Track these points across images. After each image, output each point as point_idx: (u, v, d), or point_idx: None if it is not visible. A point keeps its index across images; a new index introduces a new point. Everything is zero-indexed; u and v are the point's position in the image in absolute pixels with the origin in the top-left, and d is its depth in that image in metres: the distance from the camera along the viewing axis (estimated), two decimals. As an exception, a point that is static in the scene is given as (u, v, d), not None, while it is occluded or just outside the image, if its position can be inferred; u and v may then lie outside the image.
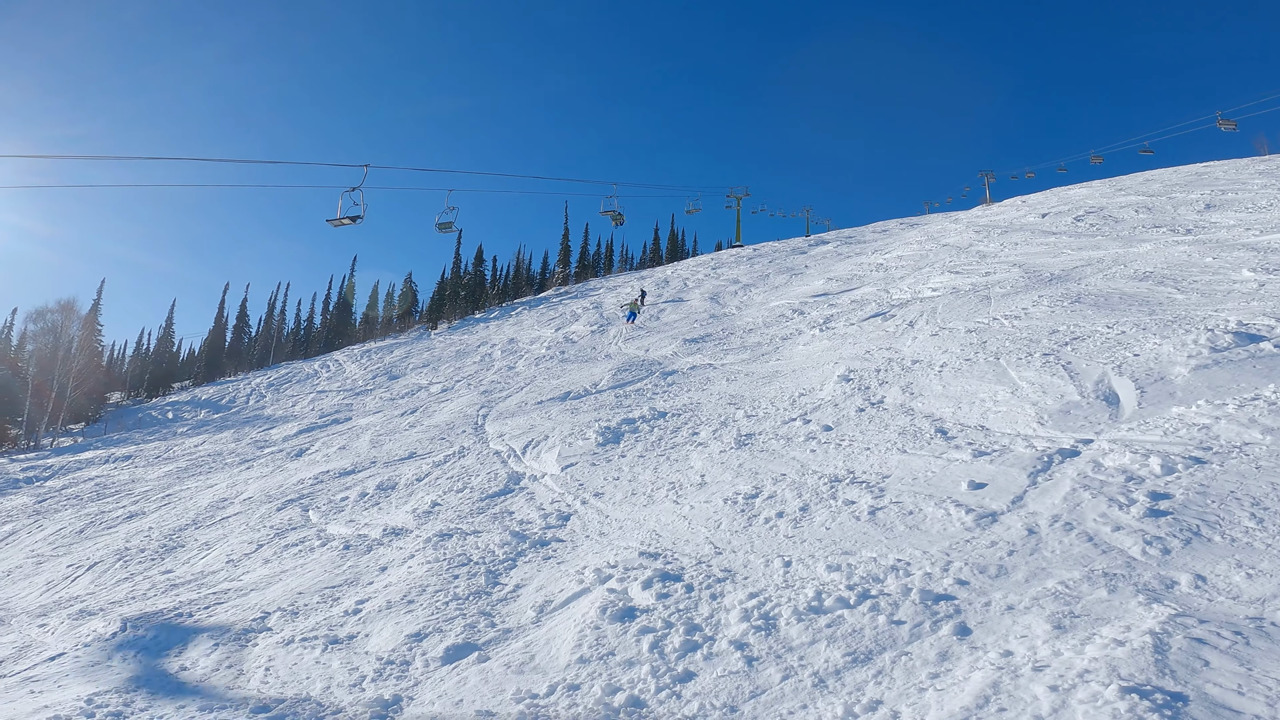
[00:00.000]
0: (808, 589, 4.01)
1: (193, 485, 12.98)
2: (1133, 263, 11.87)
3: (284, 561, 6.90)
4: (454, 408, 15.32)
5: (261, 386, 31.08)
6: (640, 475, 7.30)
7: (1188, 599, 3.24)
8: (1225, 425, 4.98)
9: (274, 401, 26.86)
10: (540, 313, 33.11)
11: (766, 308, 20.36)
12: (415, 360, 27.96)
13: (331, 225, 13.93)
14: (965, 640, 3.27)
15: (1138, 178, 27.54)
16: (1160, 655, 2.79)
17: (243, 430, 20.67)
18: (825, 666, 3.30)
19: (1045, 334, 8.33)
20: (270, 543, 7.69)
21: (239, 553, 7.60)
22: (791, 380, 10.21)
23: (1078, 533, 4.07)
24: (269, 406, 25.96)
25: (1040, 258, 14.92)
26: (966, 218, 28.77)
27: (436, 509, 7.65)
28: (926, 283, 15.82)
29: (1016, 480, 4.93)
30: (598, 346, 21.07)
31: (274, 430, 19.21)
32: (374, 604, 5.17)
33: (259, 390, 30.36)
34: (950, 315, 11.35)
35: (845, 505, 5.19)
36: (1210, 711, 2.45)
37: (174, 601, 6.23)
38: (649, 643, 3.80)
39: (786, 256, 32.85)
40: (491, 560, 5.64)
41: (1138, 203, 19.60)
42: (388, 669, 4.14)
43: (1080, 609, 3.31)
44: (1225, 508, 3.97)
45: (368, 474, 10.35)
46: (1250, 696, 2.48)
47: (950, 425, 6.49)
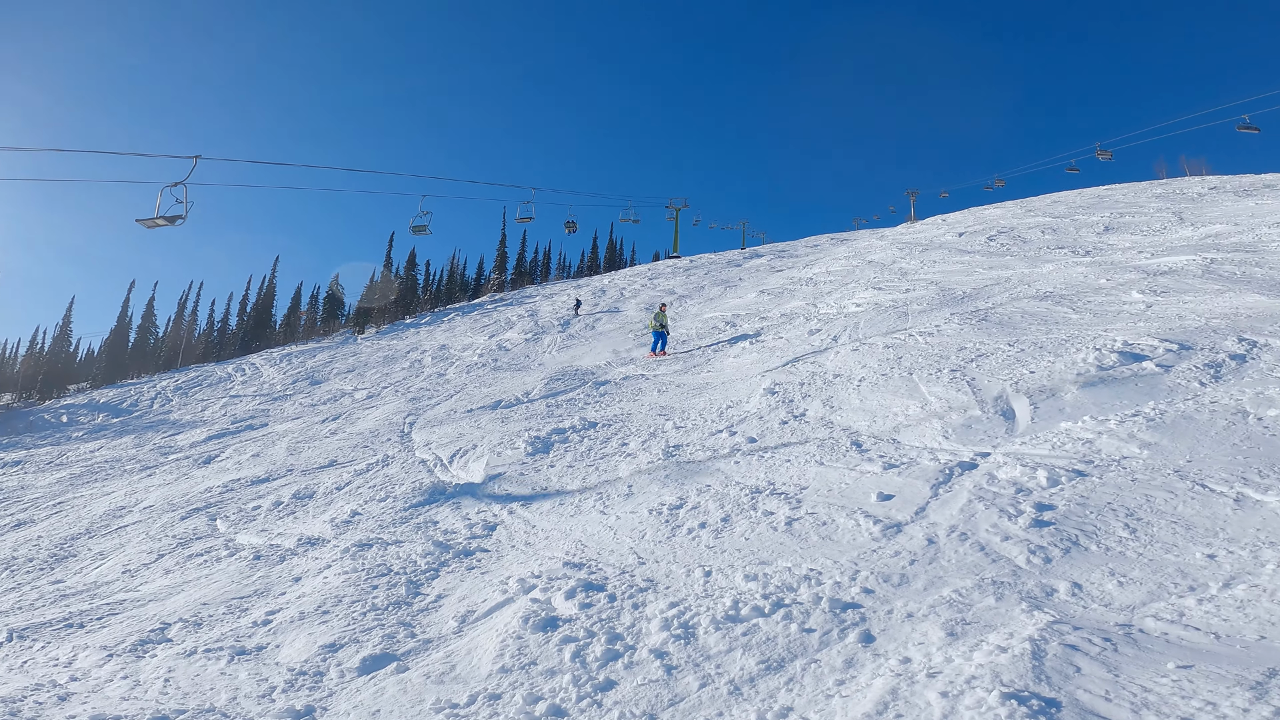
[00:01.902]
0: (726, 598, 4.14)
1: (87, 493, 12.14)
2: (1036, 283, 12.72)
3: (187, 572, 6.58)
4: (380, 415, 14.91)
5: (168, 390, 29.32)
6: (568, 485, 7.32)
7: (1065, 606, 3.51)
8: (1106, 440, 5.43)
9: (182, 406, 25.39)
10: (474, 319, 32.60)
11: (700, 319, 20.72)
12: (340, 365, 27.01)
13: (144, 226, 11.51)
14: (869, 647, 3.45)
15: (1046, 199, 29.55)
16: (1037, 661, 2.98)
17: (145, 435, 19.46)
18: (741, 674, 3.41)
19: (954, 350, 8.84)
20: (172, 552, 7.31)
21: (137, 563, 7.19)
22: (720, 392, 10.44)
23: (971, 542, 4.35)
24: (176, 411, 24.52)
25: (955, 276, 15.78)
26: (891, 235, 30.11)
27: (357, 518, 7.44)
28: (851, 298, 16.48)
29: (920, 492, 5.23)
30: (531, 355, 20.93)
31: (180, 436, 18.17)
32: (286, 614, 5.01)
33: (165, 394, 28.62)
34: (871, 330, 11.88)
35: (764, 516, 5.38)
36: (1080, 717, 2.62)
37: (64, 612, 5.88)
38: (571, 652, 3.84)
39: (722, 269, 33.53)
40: (413, 570, 5.55)
41: (1045, 224, 21.01)
42: (300, 680, 4.02)
43: (971, 616, 3.54)
44: (1102, 518, 4.33)
45: (283, 482, 9.95)
46: (1117, 703, 2.66)
47: (865, 438, 6.80)
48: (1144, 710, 2.60)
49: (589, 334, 22.93)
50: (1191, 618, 3.24)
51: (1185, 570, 3.65)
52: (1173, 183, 27.41)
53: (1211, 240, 13.91)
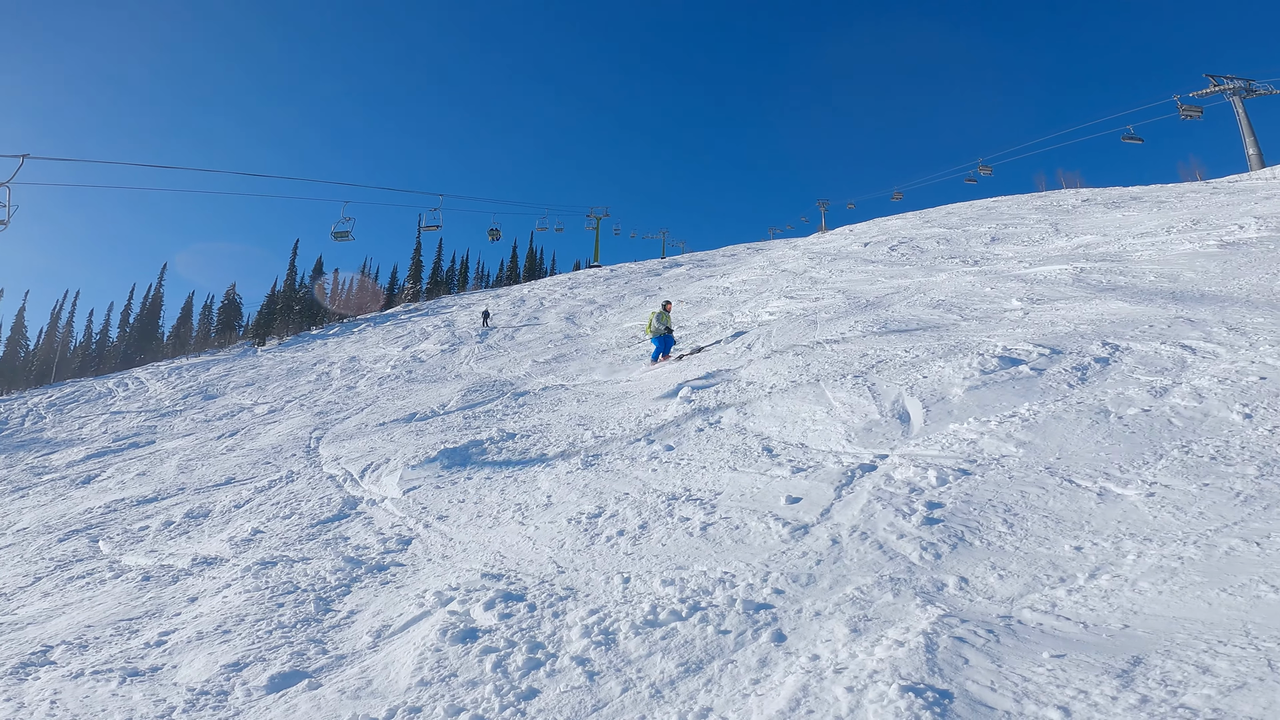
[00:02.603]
0: (644, 603, 4.22)
1: (-55, 521, 10.92)
2: (930, 291, 13.53)
3: (68, 594, 6.08)
4: (283, 430, 14.19)
5: (41, 406, 26.76)
6: (486, 497, 7.25)
7: (954, 600, 3.70)
8: (987, 440, 5.83)
9: (56, 423, 23.23)
10: (387, 330, 31.52)
11: (620, 329, 20.90)
12: (237, 379, 25.47)
13: None
14: (781, 646, 3.56)
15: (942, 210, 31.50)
16: (930, 655, 3.12)
17: (16, 455, 17.70)
18: (661, 677, 3.48)
19: (857, 357, 9.34)
20: (50, 575, 6.74)
21: (12, 586, 6.59)
22: (639, 401, 10.59)
23: (870, 541, 4.58)
24: (50, 429, 22.41)
25: (860, 285, 16.60)
26: (804, 244, 31.35)
27: (258, 536, 7.08)
28: (765, 306, 17.05)
29: (825, 494, 5.48)
30: (448, 366, 20.47)
31: (56, 455, 16.64)
32: (182, 635, 4.73)
33: (38, 410, 26.11)
34: (783, 338, 12.33)
35: (681, 522, 5.51)
36: (970, 707, 2.75)
37: None
38: (492, 662, 3.82)
39: (642, 278, 33.91)
40: (323, 587, 5.35)
41: (940, 234, 22.38)
42: (202, 699, 3.82)
43: (872, 612, 3.70)
44: (984, 514, 4.66)
45: (174, 501, 9.32)
46: (1001, 693, 2.81)
47: (776, 444, 7.09)
48: (1024, 699, 2.75)
49: (508, 344, 22.66)
50: (1063, 608, 3.45)
51: (1056, 562, 3.92)
52: (1051, 195, 29.56)
53: (1082, 250, 15.16)
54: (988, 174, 33.53)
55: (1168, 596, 3.42)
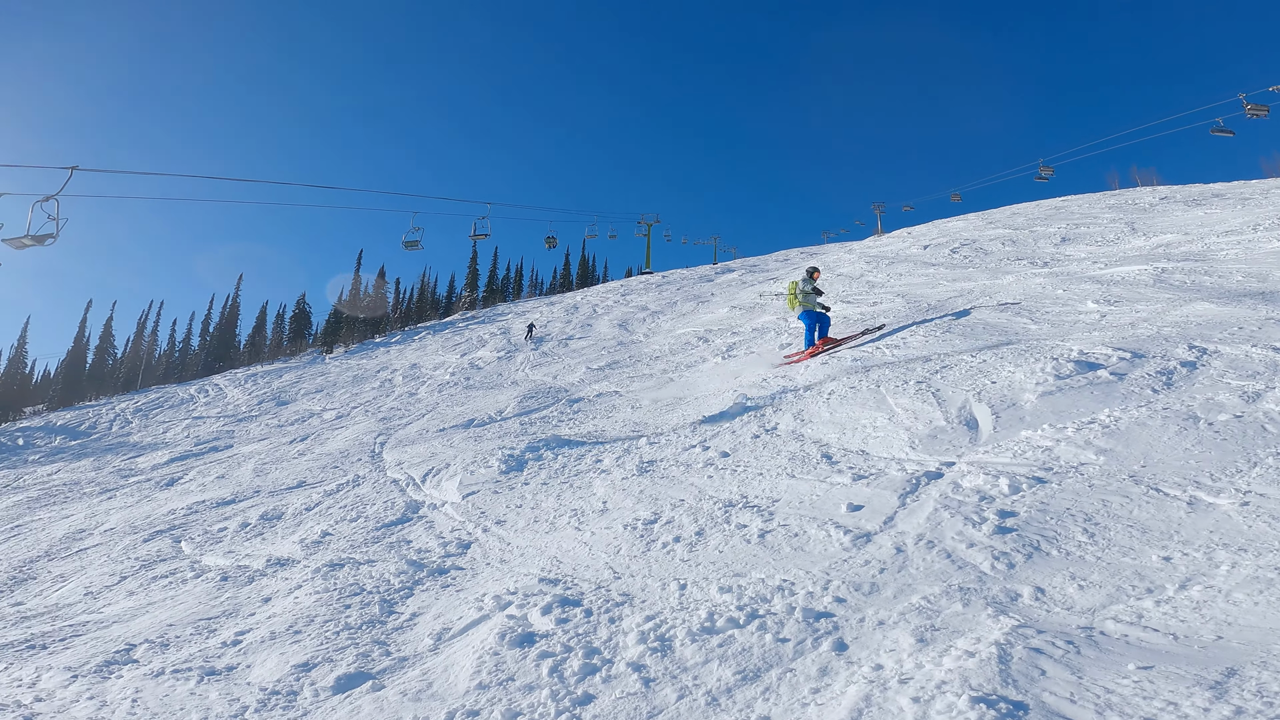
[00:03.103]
0: (701, 610, 4.18)
1: (45, 515, 11.74)
2: (996, 294, 13.08)
3: (151, 594, 6.41)
4: (349, 435, 14.70)
5: (128, 412, 28.51)
6: (543, 502, 7.32)
7: (1029, 610, 3.59)
8: (1064, 447, 5.59)
9: (142, 428, 24.70)
10: (445, 338, 32.37)
11: (673, 335, 20.88)
12: (307, 385, 26.57)
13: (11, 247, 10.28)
14: (843, 655, 3.51)
15: (1006, 211, 30.31)
16: (1004, 665, 3.04)
17: (104, 458, 18.89)
18: (718, 685, 3.45)
19: (919, 362, 9.06)
20: (136, 574, 7.12)
21: (99, 585, 6.99)
22: (694, 407, 10.53)
23: (938, 550, 4.45)
24: (136, 433, 23.84)
25: (921, 288, 16.15)
26: (860, 248, 30.67)
27: (327, 539, 7.33)
28: (820, 314, 16.73)
29: (889, 502, 5.34)
30: (504, 373, 20.85)
31: (141, 458, 17.68)
32: (256, 635, 4.92)
33: (124, 416, 27.83)
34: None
35: (738, 529, 5.44)
36: (1046, 719, 2.67)
37: (25, 634, 5.69)
38: (548, 667, 3.84)
39: (694, 284, 33.84)
40: (387, 589, 5.49)
41: (1004, 235, 21.57)
42: (273, 699, 3.96)
43: (939, 622, 3.62)
44: (1062, 524, 4.47)
45: (250, 504, 9.75)
46: (1081, 704, 2.71)
47: (835, 450, 6.93)
48: (1108, 711, 2.65)
49: (562, 351, 22.93)
50: (1150, 619, 3.31)
51: (1142, 573, 3.75)
52: (1125, 193, 28.28)
53: (1162, 250, 14.41)
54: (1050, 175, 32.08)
55: (1264, 608, 3.22)
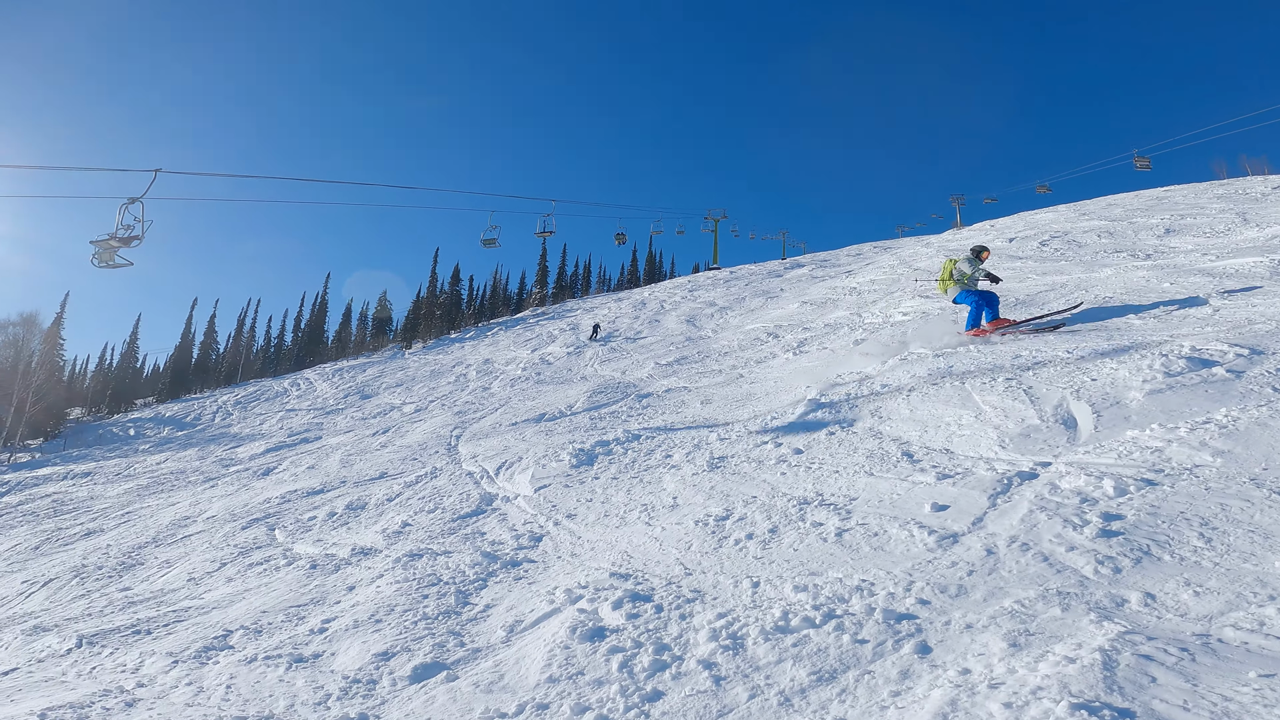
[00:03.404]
0: (775, 609, 4.07)
1: (154, 503, 12.68)
2: (1094, 287, 12.28)
3: (248, 580, 6.79)
4: (427, 428, 15.21)
5: (229, 404, 30.49)
6: (613, 497, 7.33)
7: (1137, 616, 3.36)
8: (1177, 448, 5.18)
9: (241, 419, 26.37)
10: (516, 333, 33.07)
11: (742, 330, 20.59)
12: (388, 379, 27.68)
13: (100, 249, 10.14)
14: (926, 658, 3.35)
15: (1100, 202, 28.47)
16: (1109, 672, 2.87)
17: (208, 448, 20.26)
18: (791, 685, 3.35)
19: (1009, 358, 8.57)
20: (234, 561, 7.56)
21: (201, 571, 7.47)
22: (765, 403, 10.33)
23: (1034, 553, 4.19)
24: (236, 424, 25.47)
25: (1007, 282, 15.34)
26: (938, 241, 29.46)
27: (407, 529, 7.59)
28: (898, 307, 16.16)
29: (977, 502, 5.07)
30: (574, 368, 21.09)
31: (240, 448, 18.86)
32: (341, 623, 5.12)
33: (226, 408, 29.78)
34: (919, 340, 11.60)
35: (813, 527, 5.28)
36: None
37: (132, 619, 6.12)
38: (618, 662, 3.83)
39: (762, 279, 33.28)
40: (462, 580, 5.62)
41: (1100, 227, 20.26)
42: (354, 688, 4.11)
43: (1035, 627, 3.42)
44: (1175, 528, 4.13)
45: (337, 493, 10.22)
46: (1195, 712, 2.56)
47: (916, 448, 6.63)
48: (1225, 719, 2.51)
49: (630, 347, 23.01)
50: (1273, 627, 3.09)
51: (1265, 580, 3.47)
52: (1234, 183, 26.12)
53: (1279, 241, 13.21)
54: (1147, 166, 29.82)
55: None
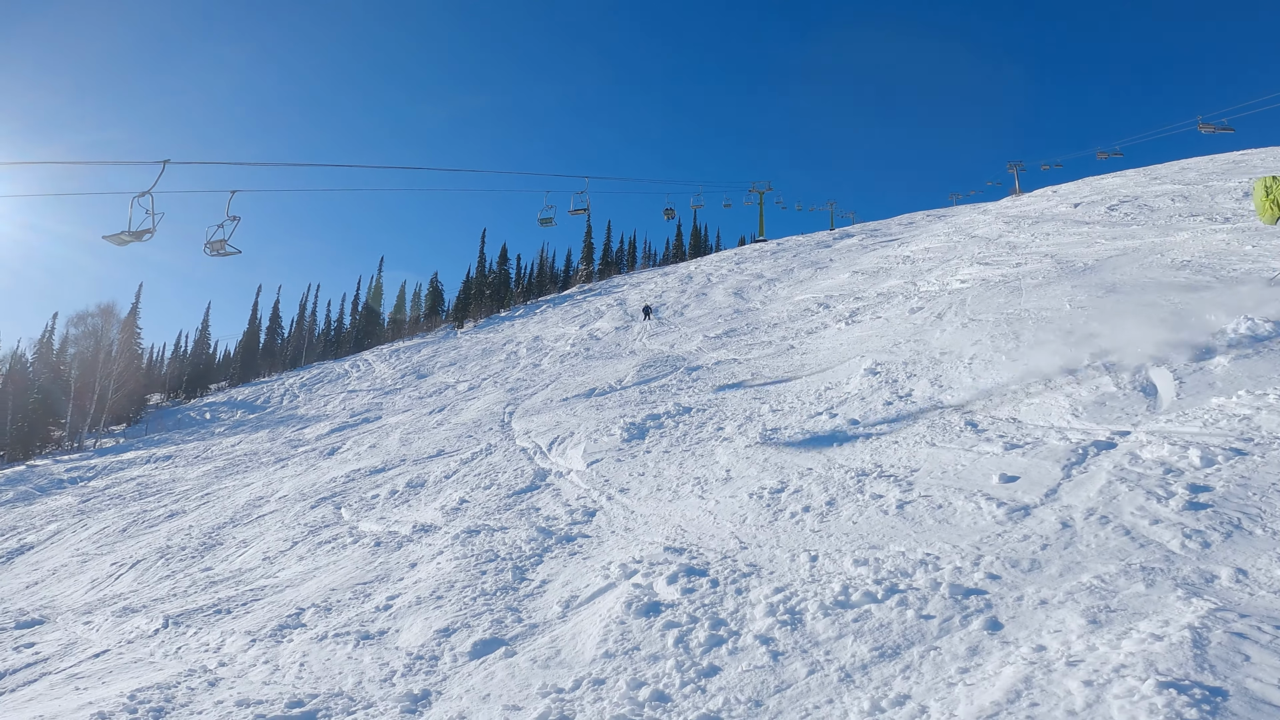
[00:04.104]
0: (834, 583, 3.98)
1: (230, 484, 13.31)
2: (1170, 252, 11.55)
3: (317, 558, 7.04)
4: (481, 405, 15.47)
5: (295, 387, 31.72)
6: (665, 470, 7.30)
7: (1228, 593, 3.16)
8: (1266, 416, 4.83)
9: (307, 401, 27.40)
10: (564, 310, 33.27)
11: (791, 302, 20.20)
12: (442, 359, 28.29)
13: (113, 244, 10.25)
14: (996, 635, 3.22)
15: (1173, 166, 26.71)
16: (1199, 650, 2.73)
17: (277, 430, 21.12)
18: (852, 661, 3.27)
19: (1079, 324, 8.14)
20: (304, 540, 7.86)
21: (275, 550, 7.78)
22: (817, 374, 10.11)
23: (1114, 526, 3.97)
24: (302, 406, 26.49)
25: (1073, 248, 14.58)
26: (995, 209, 28.19)
27: (464, 506, 7.74)
28: (955, 274, 15.56)
29: (1050, 473, 4.83)
30: (622, 343, 21.10)
31: (307, 429, 19.60)
32: (404, 600, 5.26)
33: (292, 390, 30.99)
34: (980, 306, 11.15)
35: (873, 499, 5.13)
36: (1250, 706, 2.39)
37: (213, 598, 6.41)
38: (674, 637, 3.81)
39: (811, 250, 32.53)
40: (518, 556, 5.69)
41: (1174, 191, 19.06)
42: (417, 664, 4.20)
43: (1116, 603, 3.24)
44: (1267, 500, 3.85)
45: (397, 471, 10.50)
46: None
47: (981, 418, 6.37)
48: None
49: (678, 320, 22.87)
50: None
51: None
52: (1319, 145, 24.05)
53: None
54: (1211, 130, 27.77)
55: None
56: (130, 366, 35.15)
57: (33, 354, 36.95)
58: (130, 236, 10.11)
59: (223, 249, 11.69)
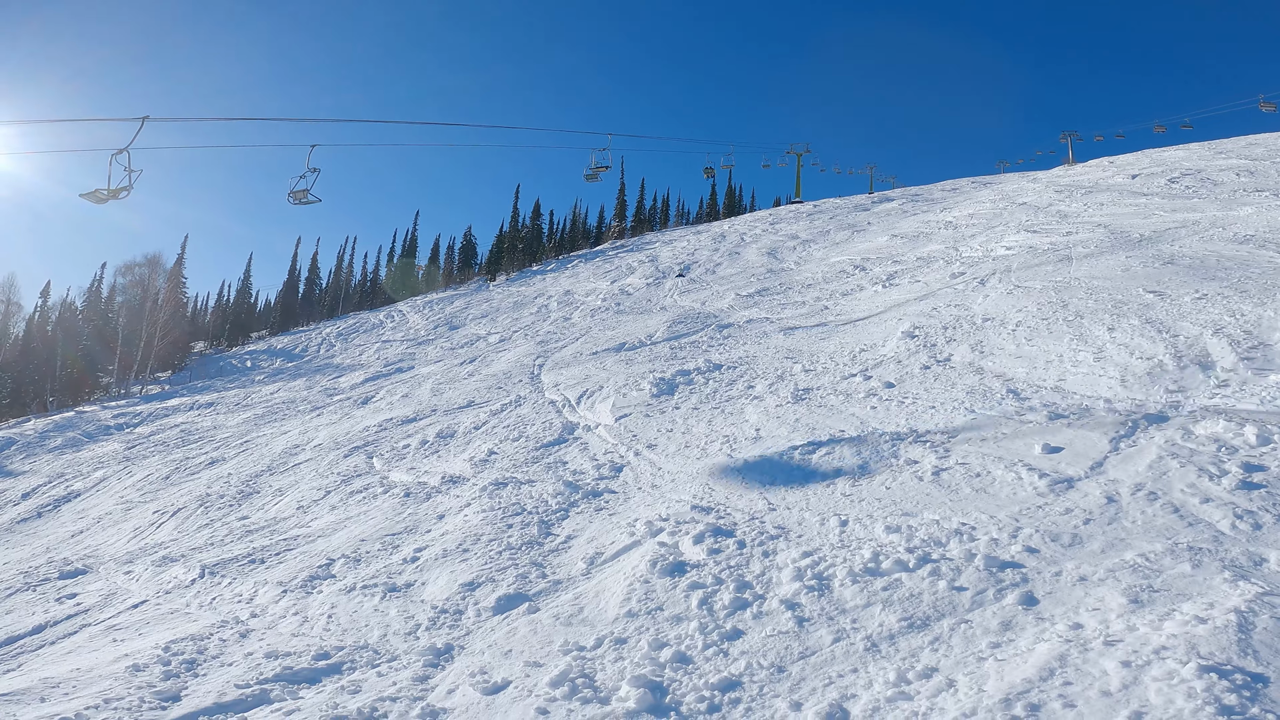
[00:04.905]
0: (864, 550, 3.90)
1: (268, 432, 13.66)
2: (1232, 226, 10.95)
3: (349, 508, 7.18)
4: (511, 357, 15.55)
5: (331, 336, 32.29)
6: (694, 427, 7.24)
7: (1276, 577, 3.03)
8: (1334, 392, 4.55)
9: (343, 351, 27.90)
10: (596, 265, 33.05)
11: (826, 263, 19.72)
12: (474, 311, 28.45)
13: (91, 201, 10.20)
14: (1031, 610, 3.13)
15: (1240, 141, 25.21)
16: (1244, 634, 2.63)
17: (314, 378, 21.57)
18: (879, 630, 3.21)
19: (1133, 294, 7.77)
20: (337, 489, 8.02)
21: (308, 499, 7.95)
22: (852, 335, 9.88)
23: (1162, 503, 3.81)
24: (338, 355, 26.99)
25: (1129, 219, 13.90)
26: (1046, 177, 26.96)
27: (493, 457, 7.80)
28: (1000, 241, 15.00)
29: (1096, 445, 4.65)
30: (653, 299, 20.92)
31: (342, 378, 19.98)
32: (431, 552, 5.33)
33: (329, 340, 31.56)
34: (1026, 274, 10.73)
35: (907, 465, 5.01)
36: None
37: (248, 548, 6.54)
38: (698, 599, 3.78)
39: (849, 213, 31.60)
40: (544, 510, 5.72)
41: (1239, 166, 18.05)
42: (441, 618, 4.25)
43: (1160, 583, 3.11)
44: (1330, 481, 3.64)
45: (428, 422, 10.64)
46: None
47: (1023, 386, 6.15)
48: None
49: (710, 279, 22.56)
50: None
51: None
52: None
53: None
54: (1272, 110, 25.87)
55: None
56: (175, 315, 36.06)
57: (82, 303, 38.14)
58: (108, 194, 9.94)
59: (305, 198, 12.98)
